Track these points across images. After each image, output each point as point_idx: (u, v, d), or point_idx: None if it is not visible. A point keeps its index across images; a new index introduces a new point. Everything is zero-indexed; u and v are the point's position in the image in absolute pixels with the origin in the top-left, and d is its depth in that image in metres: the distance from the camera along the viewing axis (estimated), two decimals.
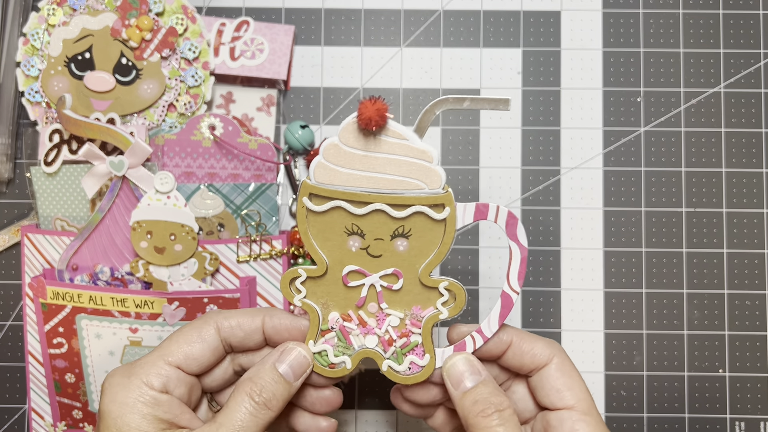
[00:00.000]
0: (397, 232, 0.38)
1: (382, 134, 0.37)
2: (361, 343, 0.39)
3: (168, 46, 0.52)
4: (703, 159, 0.55)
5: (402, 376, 0.39)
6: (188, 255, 0.49)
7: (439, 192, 0.37)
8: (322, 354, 0.39)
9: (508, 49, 0.55)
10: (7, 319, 0.54)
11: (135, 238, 0.49)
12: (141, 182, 0.49)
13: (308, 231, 0.38)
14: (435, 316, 0.39)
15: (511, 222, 0.38)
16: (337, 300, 0.39)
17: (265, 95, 0.55)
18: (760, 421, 0.54)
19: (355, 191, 0.37)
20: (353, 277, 0.39)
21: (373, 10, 0.56)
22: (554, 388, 0.39)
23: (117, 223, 0.50)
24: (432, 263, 0.38)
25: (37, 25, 0.52)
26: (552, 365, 0.39)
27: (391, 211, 0.37)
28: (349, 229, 0.38)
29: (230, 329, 0.39)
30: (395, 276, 0.38)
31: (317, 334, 0.39)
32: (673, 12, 0.56)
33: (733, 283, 0.54)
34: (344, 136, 0.37)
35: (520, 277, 0.38)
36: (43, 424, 0.53)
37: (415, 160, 0.37)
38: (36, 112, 0.53)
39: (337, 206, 0.37)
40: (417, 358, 0.39)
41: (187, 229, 0.49)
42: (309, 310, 0.39)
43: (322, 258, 0.38)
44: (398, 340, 0.39)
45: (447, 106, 0.38)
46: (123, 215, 0.50)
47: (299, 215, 0.38)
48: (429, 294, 0.39)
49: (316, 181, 0.37)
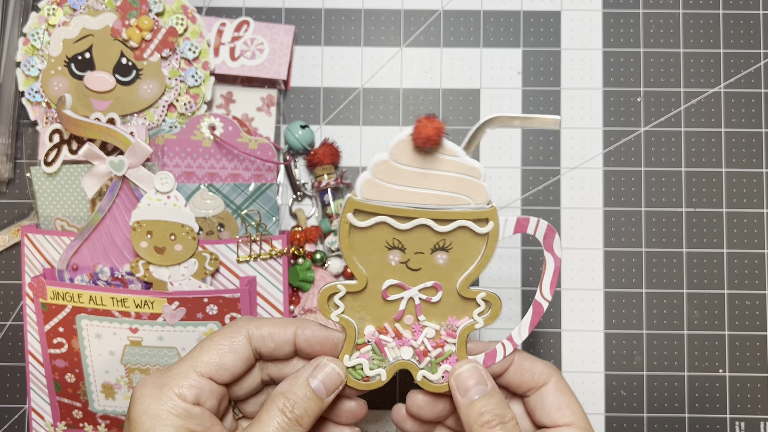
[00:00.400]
0: (438, 246, 0.38)
1: (434, 151, 0.37)
2: (397, 355, 0.40)
3: (168, 46, 0.52)
4: (703, 159, 0.55)
5: (435, 384, 0.40)
6: (188, 255, 0.49)
7: (485, 207, 0.38)
8: (357, 368, 0.39)
9: (508, 49, 0.55)
10: (7, 319, 0.54)
11: (135, 238, 0.49)
12: (141, 182, 0.49)
13: (350, 246, 0.38)
14: (470, 326, 0.39)
15: (549, 235, 0.39)
16: (373, 314, 0.39)
17: (265, 95, 0.55)
18: (760, 421, 0.54)
19: (403, 207, 0.37)
20: (393, 291, 0.39)
21: (373, 10, 0.56)
22: (554, 405, 0.39)
23: (117, 223, 0.50)
24: (471, 275, 0.39)
25: (37, 25, 0.52)
26: (551, 384, 0.40)
27: (435, 225, 0.37)
28: (390, 243, 0.38)
29: (261, 339, 0.38)
30: (434, 289, 0.39)
31: (353, 348, 0.39)
32: (673, 12, 0.56)
33: (733, 283, 0.54)
34: (396, 153, 0.37)
35: (552, 287, 0.40)
36: (43, 424, 0.53)
37: (464, 176, 0.37)
38: (36, 112, 0.53)
39: (381, 221, 0.38)
40: (450, 366, 0.39)
41: (187, 229, 0.49)
42: (346, 326, 0.39)
43: (362, 273, 0.39)
44: (433, 351, 0.39)
45: (498, 124, 0.39)
46: (123, 215, 0.50)
47: (342, 231, 0.38)
48: (465, 305, 0.39)
49: (362, 197, 0.37)
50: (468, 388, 0.38)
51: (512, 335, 0.40)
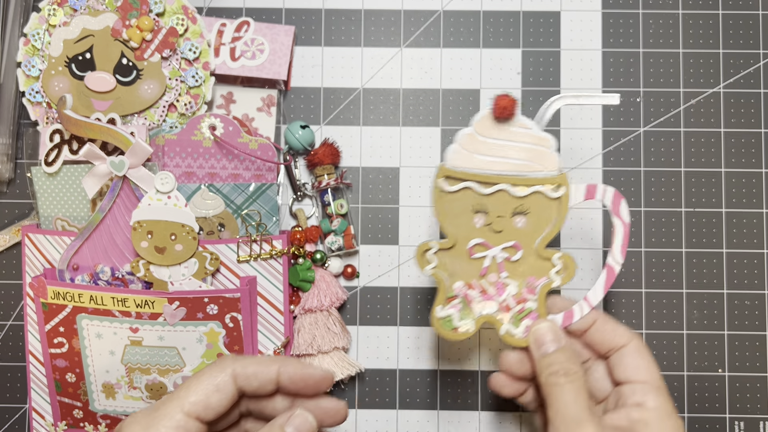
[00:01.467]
0: (517, 210, 0.44)
1: (510, 124, 0.43)
2: (482, 310, 0.44)
3: (168, 47, 0.52)
4: (703, 159, 0.55)
5: (517, 339, 0.44)
6: (189, 255, 0.49)
7: (555, 174, 0.43)
8: (447, 319, 0.44)
9: (508, 50, 0.55)
10: (7, 318, 0.55)
11: (135, 237, 0.49)
12: (141, 182, 0.49)
13: (441, 208, 0.44)
14: (548, 284, 0.44)
15: (616, 200, 0.43)
16: (461, 270, 0.44)
17: (265, 95, 0.55)
18: (760, 420, 0.54)
19: (485, 173, 0.43)
20: (478, 250, 0.44)
21: (373, 10, 0.56)
22: (632, 364, 0.42)
23: (117, 222, 0.50)
24: (547, 237, 0.44)
25: (38, 25, 0.52)
26: (632, 345, 0.43)
27: (513, 190, 0.43)
28: (475, 207, 0.44)
29: (246, 378, 0.39)
30: (514, 248, 0.44)
31: (444, 301, 0.44)
32: (673, 12, 0.56)
33: (732, 283, 0.54)
34: (478, 126, 0.44)
35: (623, 250, 0.44)
36: (44, 424, 0.53)
37: (536, 146, 0.43)
38: (37, 112, 0.53)
39: (466, 187, 0.44)
40: (531, 321, 0.44)
41: (187, 228, 0.49)
42: (438, 279, 0.44)
43: (452, 232, 0.44)
44: (515, 307, 0.44)
45: (566, 102, 0.44)
46: (123, 215, 0.50)
47: (434, 194, 0.44)
48: (543, 264, 0.44)
49: (451, 165, 0.43)
50: (543, 343, 0.43)
51: (588, 296, 0.44)
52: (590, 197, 0.43)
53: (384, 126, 0.55)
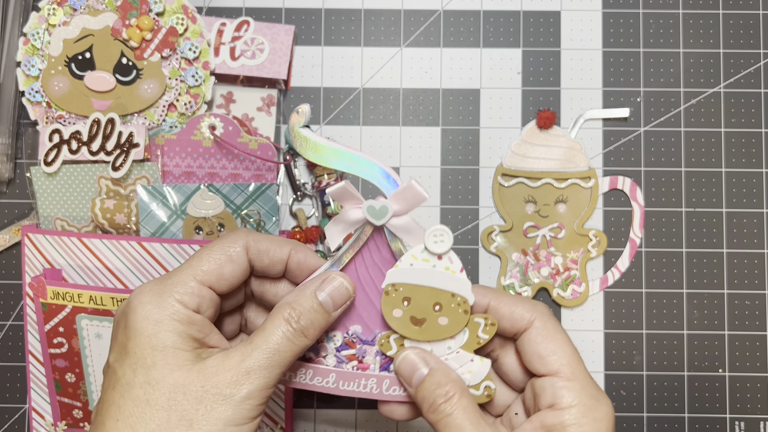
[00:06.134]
0: (558, 199, 0.54)
1: (550, 132, 0.54)
2: (537, 276, 0.53)
3: (168, 46, 0.52)
4: (703, 159, 0.55)
5: (567, 299, 0.53)
6: (454, 331, 0.38)
7: (586, 169, 0.54)
8: (510, 286, 0.54)
9: (508, 49, 0.55)
10: (7, 318, 0.55)
11: (387, 303, 0.38)
12: (406, 235, 0.39)
13: (500, 200, 0.54)
14: (587, 256, 0.54)
15: (633, 188, 0.54)
16: (518, 246, 0.54)
17: (265, 95, 0.55)
18: (760, 420, 0.54)
19: (533, 170, 0.54)
20: (531, 231, 0.54)
21: (373, 10, 0.56)
22: (536, 353, 0.36)
23: (359, 279, 0.40)
24: (584, 218, 0.54)
25: (38, 24, 0.52)
26: (533, 329, 0.37)
27: (555, 183, 0.54)
28: (526, 198, 0.54)
29: (258, 253, 0.38)
30: (559, 228, 0.54)
31: (506, 271, 0.54)
32: (673, 12, 0.56)
33: (733, 283, 0.54)
34: (526, 134, 0.54)
35: (640, 227, 0.54)
36: (44, 424, 0.53)
37: (570, 149, 0.54)
38: (36, 112, 0.53)
39: (519, 182, 0.54)
40: (576, 286, 0.54)
41: (458, 299, 0.38)
42: (500, 254, 0.54)
43: (510, 218, 0.54)
44: (563, 274, 0.53)
45: (590, 115, 0.54)
46: (367, 269, 0.40)
47: (495, 189, 0.54)
48: (582, 240, 0.54)
49: (506, 165, 0.54)
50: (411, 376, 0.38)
51: (617, 264, 0.54)
52: (613, 186, 0.54)
53: (384, 126, 0.55)
